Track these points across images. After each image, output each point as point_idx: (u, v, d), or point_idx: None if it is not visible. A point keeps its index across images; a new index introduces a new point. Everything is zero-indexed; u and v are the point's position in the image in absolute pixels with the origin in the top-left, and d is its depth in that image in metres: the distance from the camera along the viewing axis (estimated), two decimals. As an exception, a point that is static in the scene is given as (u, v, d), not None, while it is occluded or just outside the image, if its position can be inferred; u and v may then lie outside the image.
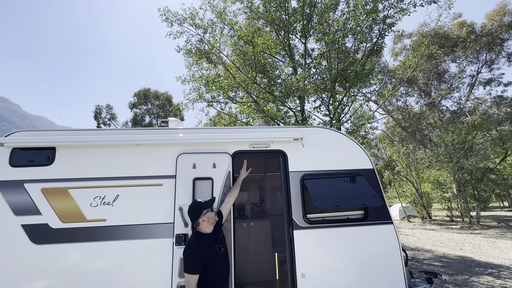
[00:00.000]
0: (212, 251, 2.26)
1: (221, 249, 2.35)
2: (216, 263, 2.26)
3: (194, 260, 2.16)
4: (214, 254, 2.26)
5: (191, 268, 2.13)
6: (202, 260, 2.17)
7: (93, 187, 2.88)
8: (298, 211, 3.03)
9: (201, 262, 2.16)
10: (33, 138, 2.93)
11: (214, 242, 2.31)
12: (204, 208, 2.34)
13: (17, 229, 2.69)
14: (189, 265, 2.14)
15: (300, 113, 8.78)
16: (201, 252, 2.20)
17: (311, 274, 2.86)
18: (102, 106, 31.76)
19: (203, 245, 2.24)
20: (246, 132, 3.26)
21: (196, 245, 2.24)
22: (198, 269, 2.14)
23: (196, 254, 2.19)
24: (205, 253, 2.22)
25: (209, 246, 2.27)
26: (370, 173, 3.22)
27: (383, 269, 2.95)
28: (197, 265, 2.14)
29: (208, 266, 2.19)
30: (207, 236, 2.32)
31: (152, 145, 3.04)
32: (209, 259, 2.21)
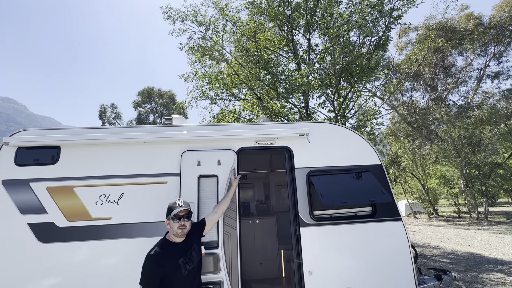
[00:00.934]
0: (174, 265, 1.90)
1: (188, 265, 1.95)
2: (176, 280, 1.89)
3: (151, 271, 1.83)
4: (176, 269, 1.90)
5: (146, 280, 1.82)
6: (160, 272, 1.84)
7: (98, 186, 2.87)
8: (304, 208, 2.98)
9: (158, 275, 1.83)
10: (37, 137, 2.93)
11: (181, 255, 1.96)
12: (168, 213, 2.02)
13: (24, 228, 2.70)
14: (145, 277, 1.83)
15: (304, 109, 8.69)
16: (159, 263, 1.85)
17: (318, 271, 2.81)
18: (106, 106, 31.99)
19: (164, 255, 1.89)
20: (250, 128, 3.21)
21: (156, 254, 1.89)
22: (153, 282, 1.82)
23: (155, 264, 1.85)
24: (166, 266, 1.87)
25: (173, 257, 1.92)
26: (378, 169, 3.15)
27: (392, 266, 2.90)
28: (153, 278, 1.82)
29: (167, 281, 1.86)
30: (174, 245, 1.98)
31: (156, 142, 3.01)
32: (169, 274, 1.86)
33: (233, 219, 2.83)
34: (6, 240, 2.67)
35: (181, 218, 1.99)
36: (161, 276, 1.83)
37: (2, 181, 2.80)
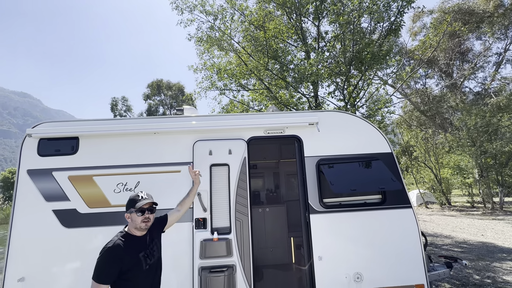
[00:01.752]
0: (134, 259, 1.77)
1: (148, 259, 1.84)
2: (136, 275, 1.76)
3: (106, 266, 1.68)
4: (137, 263, 1.77)
5: (100, 275, 1.66)
6: (118, 267, 1.69)
7: (116, 174, 3.01)
8: (314, 195, 3.03)
9: (115, 270, 1.68)
10: (57, 129, 3.07)
11: (141, 249, 1.83)
12: (131, 205, 1.85)
13: (49, 214, 2.88)
14: (99, 271, 1.67)
15: (313, 99, 8.61)
16: (118, 257, 1.70)
17: (328, 257, 2.89)
18: (118, 98, 32.51)
19: (124, 249, 1.74)
20: (260, 118, 3.25)
21: (115, 247, 1.72)
22: (108, 278, 1.67)
23: (113, 258, 1.70)
24: (124, 260, 1.72)
25: (132, 251, 1.78)
26: (389, 157, 3.15)
27: (402, 253, 2.93)
28: (108, 273, 1.67)
29: (125, 276, 1.72)
30: (134, 238, 1.84)
31: (169, 133, 3.11)
32: (128, 268, 1.72)
33: (245, 206, 2.92)
34: (34, 225, 2.86)
35: (145, 211, 1.85)
36: (118, 270, 1.69)
37: (27, 170, 2.97)
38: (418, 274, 2.89)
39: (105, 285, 1.66)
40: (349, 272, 2.87)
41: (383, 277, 2.87)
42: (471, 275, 5.10)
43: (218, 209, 2.90)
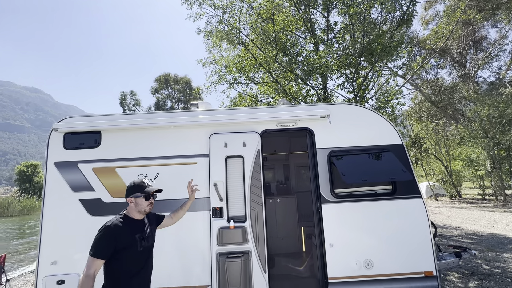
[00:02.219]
0: (130, 239, 1.85)
1: (143, 242, 1.92)
2: (130, 255, 1.84)
3: (103, 242, 1.76)
4: (132, 243, 1.85)
5: (96, 250, 1.74)
6: (113, 244, 1.77)
7: (136, 166, 3.18)
8: (326, 186, 3.14)
9: (111, 247, 1.76)
10: (81, 123, 3.25)
11: (138, 231, 1.91)
12: (138, 190, 1.94)
13: (76, 203, 3.08)
14: (96, 246, 1.75)
15: (322, 91, 8.60)
16: (116, 236, 1.79)
17: (339, 244, 3.01)
18: (126, 93, 32.88)
19: (122, 229, 1.83)
20: (273, 111, 3.34)
21: (114, 226, 1.81)
22: (103, 253, 1.75)
23: (111, 235, 1.78)
24: (121, 238, 1.80)
25: (129, 231, 1.86)
26: (399, 149, 3.21)
27: (412, 242, 3.02)
28: (104, 249, 1.75)
29: (119, 256, 1.79)
30: (132, 221, 1.93)
31: (186, 126, 3.24)
32: (124, 246, 1.80)
33: (259, 196, 3.05)
34: (63, 214, 3.07)
35: (151, 197, 1.97)
36: (113, 247, 1.77)
37: (54, 162, 3.17)
38: (427, 261, 2.99)
39: (100, 260, 1.74)
40: (359, 259, 2.99)
41: (393, 264, 2.98)
42: (480, 265, 5.15)
43: (233, 199, 3.05)
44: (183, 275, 2.96)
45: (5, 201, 32.15)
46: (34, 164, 44.19)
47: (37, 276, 2.93)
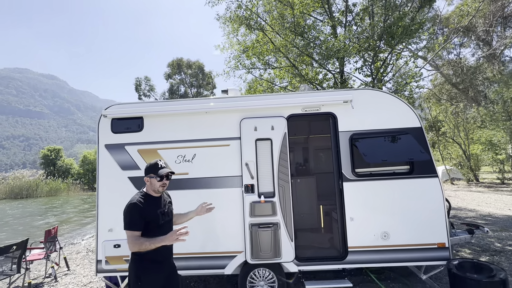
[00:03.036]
0: (153, 213, 2.07)
1: (164, 216, 2.14)
2: (154, 227, 2.05)
3: (136, 217, 1.97)
4: (155, 217, 2.07)
5: (132, 224, 1.96)
6: (142, 218, 1.99)
7: (176, 148, 3.56)
8: (347, 166, 3.42)
9: (141, 220, 1.98)
10: (125, 110, 3.63)
11: (158, 207, 2.14)
12: (152, 171, 2.13)
13: (126, 180, 3.53)
14: (130, 222, 1.97)
15: (339, 75, 8.62)
16: (143, 210, 2.00)
17: (358, 218, 3.34)
18: (141, 79, 33.43)
19: (144, 204, 2.04)
20: (299, 97, 3.58)
21: (138, 202, 2.02)
22: (136, 225, 1.96)
23: (137, 210, 1.98)
24: (147, 213, 2.02)
25: (151, 207, 2.08)
26: (418, 131, 3.40)
27: (426, 216, 3.30)
28: (138, 221, 1.97)
29: (147, 228, 2.00)
30: (152, 197, 2.14)
31: (219, 112, 3.56)
32: (149, 220, 2.02)
33: (286, 175, 3.38)
34: (115, 189, 3.54)
35: (164, 178, 2.14)
36: (144, 220, 1.98)
37: (105, 145, 3.61)
38: (440, 234, 3.27)
39: (137, 231, 1.95)
40: (377, 231, 3.31)
41: (408, 236, 3.29)
42: (493, 243, 5.37)
43: (263, 177, 3.39)
44: (220, 243, 3.40)
45: (33, 183, 34.56)
46: (57, 149, 46.62)
47: (97, 240, 3.46)
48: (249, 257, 3.26)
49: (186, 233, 1.86)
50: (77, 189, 38.86)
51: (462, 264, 3.12)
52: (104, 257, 3.40)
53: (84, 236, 9.55)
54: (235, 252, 3.38)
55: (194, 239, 3.39)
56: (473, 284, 2.81)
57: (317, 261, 3.40)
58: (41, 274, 5.19)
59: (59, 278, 4.88)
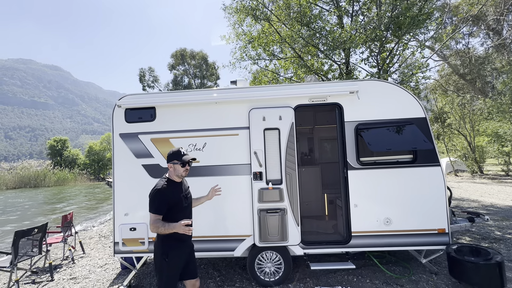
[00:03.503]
0: (178, 197, 2.28)
1: (186, 200, 2.36)
2: (180, 210, 2.26)
3: (160, 201, 2.18)
4: (179, 201, 2.28)
5: (156, 208, 2.17)
6: (168, 202, 2.20)
7: (187, 137, 3.71)
8: (352, 155, 3.54)
9: (166, 204, 2.19)
10: (138, 101, 3.77)
11: (181, 191, 2.34)
12: (176, 158, 2.32)
13: (140, 167, 3.71)
14: (155, 206, 2.18)
15: (344, 66, 8.61)
16: (167, 195, 2.21)
17: (362, 204, 3.48)
18: (145, 69, 33.39)
19: (169, 190, 2.25)
20: (306, 88, 3.67)
21: (163, 188, 2.23)
22: (163, 209, 2.18)
23: (162, 195, 2.20)
24: (171, 197, 2.23)
25: (175, 192, 2.28)
26: (422, 122, 3.50)
27: (428, 203, 3.43)
28: (162, 206, 2.18)
29: (171, 211, 2.22)
30: (174, 183, 2.34)
31: (228, 102, 3.68)
32: (174, 204, 2.24)
33: (293, 163, 3.52)
34: (130, 176, 3.72)
35: (187, 164, 2.33)
36: (167, 205, 2.19)
37: (119, 134, 3.77)
38: (441, 220, 3.41)
39: (160, 215, 2.17)
40: (380, 217, 3.47)
41: (409, 221, 3.44)
42: (493, 231, 5.51)
43: (271, 165, 3.54)
44: (230, 227, 3.59)
45: (41, 173, 35.36)
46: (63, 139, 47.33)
47: (114, 224, 3.67)
48: (257, 240, 3.45)
49: (191, 228, 2.13)
50: (84, 179, 39.69)
51: (460, 249, 3.27)
52: (121, 239, 3.61)
53: (95, 222, 9.91)
54: (244, 235, 3.57)
55: (205, 223, 3.60)
56: (470, 266, 2.97)
57: (322, 244, 3.58)
58: (59, 257, 5.49)
59: (76, 261, 5.17)
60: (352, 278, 3.63)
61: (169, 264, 2.24)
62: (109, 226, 8.73)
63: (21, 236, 3.90)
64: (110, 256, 5.35)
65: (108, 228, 8.42)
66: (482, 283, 2.91)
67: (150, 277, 4.09)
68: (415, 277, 3.56)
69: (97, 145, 48.64)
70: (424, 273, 3.68)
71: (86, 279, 4.27)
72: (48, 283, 4.19)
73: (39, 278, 4.38)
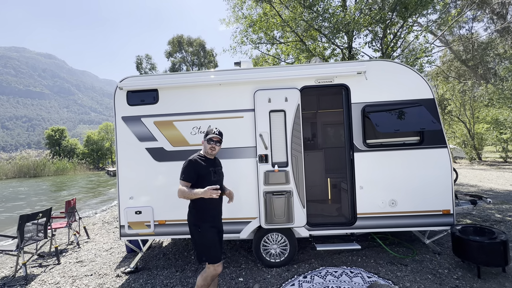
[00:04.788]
0: (207, 171, 2.43)
1: (215, 175, 2.49)
2: (207, 181, 2.37)
3: (189, 171, 2.37)
4: (208, 173, 2.43)
5: (186, 176, 2.36)
6: (198, 173, 2.38)
7: (191, 120, 3.64)
8: (358, 137, 3.50)
9: (195, 174, 2.37)
10: (140, 83, 3.67)
11: (211, 166, 2.49)
12: (205, 135, 2.55)
13: (143, 151, 3.66)
14: (185, 174, 2.37)
15: (347, 50, 8.45)
16: (197, 166, 2.39)
17: (368, 186, 3.48)
18: (142, 57, 32.76)
19: (200, 162, 2.43)
20: (312, 68, 3.58)
21: (194, 160, 2.43)
22: (190, 177, 2.35)
23: (193, 166, 2.38)
24: (201, 169, 2.40)
25: (205, 165, 2.44)
26: (430, 103, 3.44)
27: (434, 185, 3.43)
28: (192, 175, 2.36)
29: (199, 181, 2.37)
30: (207, 158, 2.51)
31: (232, 84, 3.59)
32: (203, 175, 2.39)
33: (299, 145, 3.49)
34: (134, 159, 3.67)
35: (211, 142, 2.49)
36: (197, 175, 2.38)
37: (122, 117, 3.70)
38: (446, 202, 3.43)
39: (188, 182, 2.36)
40: (385, 198, 3.47)
41: (415, 203, 3.45)
42: (493, 214, 5.58)
43: (276, 147, 3.50)
44: (235, 209, 3.58)
45: (40, 163, 35.31)
46: (61, 129, 47.02)
47: (119, 207, 3.66)
48: (263, 222, 3.47)
49: (218, 192, 2.24)
50: (83, 168, 39.71)
51: (465, 229, 3.30)
52: (127, 222, 3.61)
53: (97, 209, 9.97)
54: (249, 218, 3.58)
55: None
56: (475, 245, 3.00)
57: (328, 226, 3.60)
58: (63, 242, 5.53)
59: (81, 245, 5.21)
60: (357, 259, 3.68)
61: (201, 233, 2.40)
62: (111, 213, 8.78)
63: (25, 220, 3.90)
64: (115, 240, 5.39)
65: (111, 214, 8.48)
66: (488, 261, 2.95)
67: (156, 260, 4.14)
68: (419, 257, 3.61)
69: (95, 135, 48.41)
70: (428, 253, 3.73)
71: (92, 262, 4.31)
72: (54, 266, 4.23)
73: (46, 262, 4.42)
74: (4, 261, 4.77)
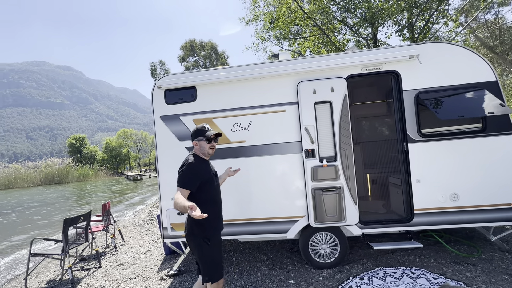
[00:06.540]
0: (208, 175, 2.16)
1: (216, 178, 2.26)
2: (210, 188, 2.15)
3: (191, 176, 2.04)
4: (210, 179, 2.16)
5: (186, 183, 2.01)
6: (199, 178, 2.06)
7: (231, 116, 3.52)
8: (412, 126, 3.24)
9: (197, 180, 2.05)
10: (177, 80, 3.58)
11: (211, 169, 2.24)
12: (200, 134, 2.20)
13: (183, 150, 3.56)
14: (184, 180, 2.02)
15: (372, 41, 8.11)
16: (200, 171, 2.10)
17: (426, 179, 3.21)
18: (156, 63, 33.48)
19: (201, 166, 2.13)
20: (358, 55, 3.36)
21: (195, 163, 2.09)
22: (192, 185, 2.02)
23: (193, 171, 2.06)
24: (202, 174, 2.11)
25: (206, 169, 2.18)
26: (494, 86, 3.13)
27: (499, 176, 3.11)
28: (192, 182, 2.03)
29: (204, 188, 2.09)
30: (204, 160, 2.22)
31: (273, 76, 3.43)
32: (205, 180, 2.11)
33: (348, 138, 3.27)
34: (173, 159, 3.56)
35: (212, 140, 2.21)
36: (199, 182, 2.05)
37: (160, 116, 3.62)
38: (516, 196, 3.09)
39: (187, 190, 2.00)
40: (445, 193, 3.18)
41: (479, 196, 3.14)
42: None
43: (323, 141, 3.30)
44: (281, 208, 3.41)
45: (64, 170, 36.77)
46: (81, 137, 48.88)
47: (161, 209, 3.59)
48: (312, 221, 3.27)
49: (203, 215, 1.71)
50: (104, 174, 41.04)
51: (541, 223, 2.96)
52: (169, 224, 3.53)
53: (126, 213, 10.12)
54: (297, 216, 3.39)
55: (256, 205, 3.46)
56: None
57: (382, 223, 3.35)
58: (100, 245, 5.56)
59: (118, 248, 5.22)
60: (414, 258, 3.41)
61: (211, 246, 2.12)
62: (139, 216, 8.86)
63: (69, 223, 3.91)
64: (150, 243, 5.36)
65: (139, 217, 8.55)
66: None
67: (197, 262, 4.03)
68: (486, 256, 3.29)
69: (113, 141, 49.96)
70: (494, 251, 3.40)
71: (133, 265, 4.27)
72: (96, 269, 4.22)
73: (87, 265, 4.43)
74: (47, 265, 4.84)
